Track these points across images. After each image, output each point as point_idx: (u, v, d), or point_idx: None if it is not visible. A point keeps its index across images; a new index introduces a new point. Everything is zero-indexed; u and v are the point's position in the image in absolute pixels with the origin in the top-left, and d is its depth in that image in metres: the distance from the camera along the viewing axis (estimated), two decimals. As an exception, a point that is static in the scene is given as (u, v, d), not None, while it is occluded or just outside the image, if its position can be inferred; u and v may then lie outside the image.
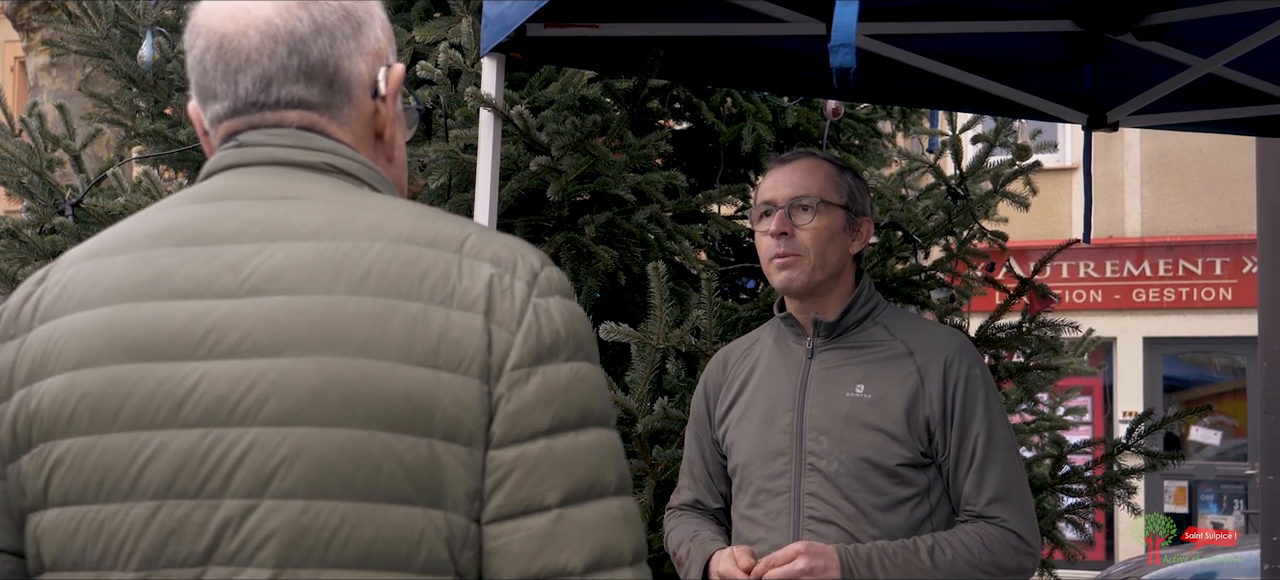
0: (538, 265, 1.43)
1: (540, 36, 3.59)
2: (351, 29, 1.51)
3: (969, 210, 4.59)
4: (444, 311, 1.36)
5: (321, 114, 1.49)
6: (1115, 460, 4.89)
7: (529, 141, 3.88)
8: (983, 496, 2.76)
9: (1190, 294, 15.84)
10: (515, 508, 1.35)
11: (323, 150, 1.47)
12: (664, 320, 3.65)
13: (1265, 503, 6.58)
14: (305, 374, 1.33)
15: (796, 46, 3.91)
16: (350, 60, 1.50)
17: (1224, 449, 15.58)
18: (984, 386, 2.81)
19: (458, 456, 1.34)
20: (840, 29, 2.06)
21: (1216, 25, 3.70)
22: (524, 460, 1.35)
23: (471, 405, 1.34)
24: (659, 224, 4.30)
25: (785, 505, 2.79)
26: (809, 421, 2.80)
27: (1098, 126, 4.20)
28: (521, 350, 1.37)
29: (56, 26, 5.13)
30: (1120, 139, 15.38)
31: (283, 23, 1.47)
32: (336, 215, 1.41)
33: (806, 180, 2.85)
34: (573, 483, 1.37)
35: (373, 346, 1.34)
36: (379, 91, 1.53)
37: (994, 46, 3.97)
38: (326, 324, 1.34)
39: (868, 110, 5.27)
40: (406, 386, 1.33)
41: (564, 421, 1.38)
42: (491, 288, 1.38)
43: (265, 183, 1.45)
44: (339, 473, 1.32)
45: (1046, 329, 4.62)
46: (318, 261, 1.37)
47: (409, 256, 1.38)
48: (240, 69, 1.47)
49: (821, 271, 2.83)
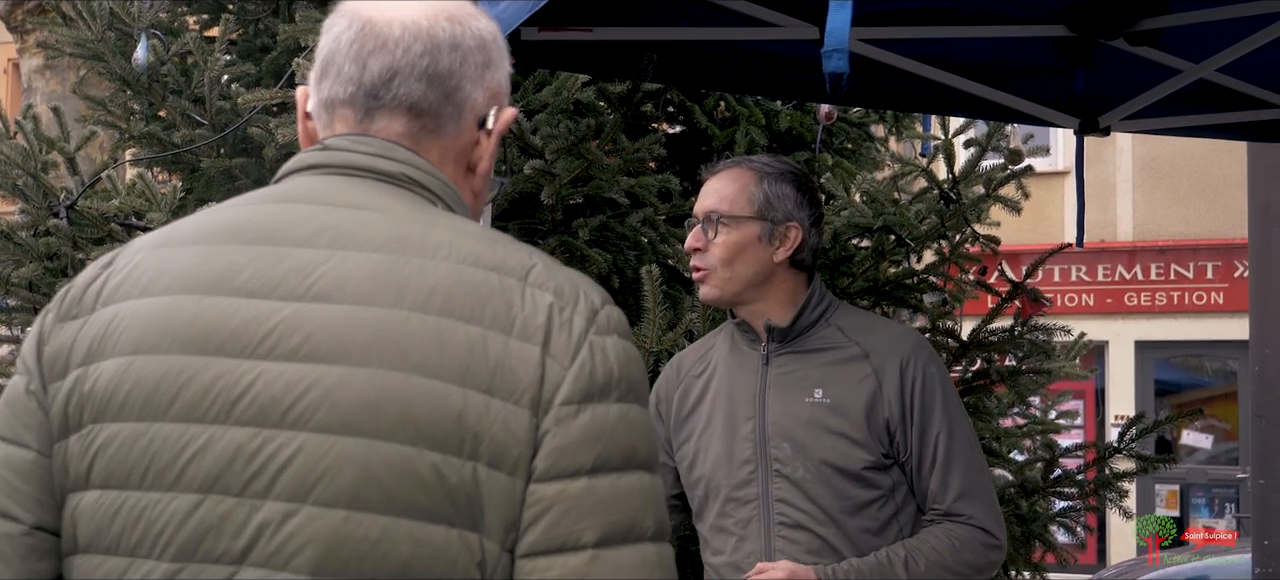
0: (599, 303, 1.43)
1: (534, 40, 3.60)
2: (482, 59, 1.53)
3: (961, 214, 4.60)
4: (503, 339, 1.36)
5: (427, 126, 1.50)
6: (1107, 464, 4.90)
7: (523, 145, 3.89)
8: (949, 495, 2.78)
9: (1182, 298, 15.87)
10: (551, 544, 1.34)
11: (403, 162, 1.48)
12: (657, 324, 3.66)
13: (1256, 507, 6.60)
14: (361, 384, 1.34)
15: (790, 51, 3.92)
16: (472, 84, 1.52)
17: (1215, 453, 15.61)
18: (940, 384, 2.82)
19: (500, 484, 1.34)
20: (833, 34, 2.07)
21: (1208, 30, 3.72)
22: (564, 497, 1.34)
23: (520, 435, 1.34)
24: (652, 227, 4.31)
25: (755, 512, 2.80)
26: (771, 428, 2.80)
27: (1090, 131, 4.21)
28: (573, 386, 1.37)
29: (51, 28, 5.12)
30: (1112, 143, 15.41)
31: (427, 25, 1.49)
32: (408, 230, 1.42)
33: (718, 195, 2.86)
34: (610, 524, 1.36)
35: (430, 365, 1.34)
36: (486, 124, 1.54)
37: (986, 51, 3.99)
38: (387, 337, 1.35)
39: (860, 114, 5.28)
40: (459, 408, 1.33)
41: (608, 462, 1.37)
42: (551, 319, 1.38)
43: (341, 189, 1.46)
44: (384, 486, 1.32)
45: (1038, 333, 4.63)
46: (385, 274, 1.38)
47: (475, 279, 1.38)
48: (373, 53, 1.48)
49: (734, 284, 2.83)
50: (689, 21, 3.76)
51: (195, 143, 4.62)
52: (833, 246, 4.37)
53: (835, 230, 4.36)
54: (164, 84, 4.77)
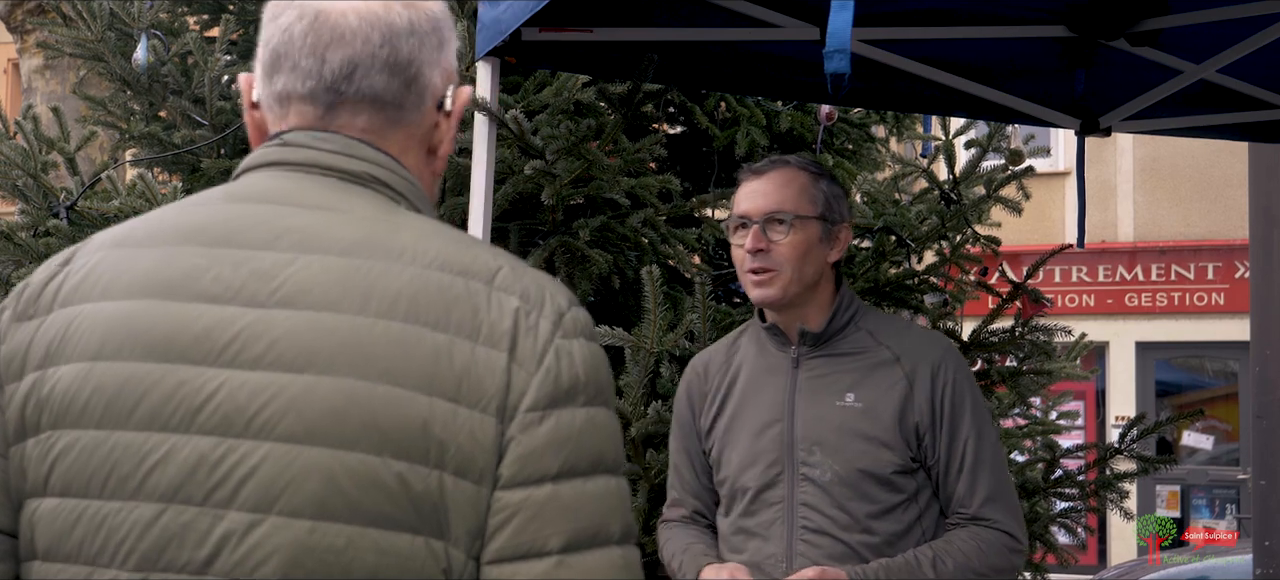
0: (565, 306, 1.41)
1: (535, 41, 3.60)
2: (437, 41, 1.51)
3: (962, 215, 4.60)
4: (469, 345, 1.35)
5: (389, 116, 1.48)
6: (1108, 464, 4.90)
7: (523, 145, 3.89)
8: (976, 499, 2.78)
9: (1182, 299, 15.86)
10: (517, 551, 1.34)
11: (366, 160, 1.46)
12: (658, 324, 3.65)
13: (1257, 507, 6.60)
14: (326, 393, 1.32)
15: (791, 51, 3.92)
16: (430, 67, 1.50)
17: (1216, 453, 15.60)
18: (970, 390, 2.83)
19: (466, 492, 1.33)
20: (835, 34, 2.06)
21: (1209, 31, 3.72)
22: (529, 504, 1.34)
23: (485, 443, 1.33)
24: (653, 228, 4.30)
25: (779, 515, 2.79)
26: (800, 431, 2.79)
27: (1091, 132, 4.21)
28: (538, 392, 1.35)
29: (51, 29, 5.13)
30: (1113, 144, 15.41)
31: (382, 12, 1.46)
32: (372, 232, 1.40)
33: (780, 194, 2.81)
34: (576, 530, 1.35)
35: (396, 373, 1.32)
36: (445, 106, 1.53)
37: (987, 52, 3.98)
38: (352, 345, 1.33)
39: (861, 115, 5.28)
40: (425, 417, 1.32)
41: (573, 468, 1.36)
42: (517, 324, 1.37)
43: (302, 189, 1.44)
44: (349, 496, 1.31)
45: (1039, 333, 4.63)
46: (350, 279, 1.36)
47: (441, 284, 1.37)
48: (331, 45, 1.45)
49: (798, 285, 2.80)
50: (689, 22, 3.76)
51: (195, 143, 4.62)
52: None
53: (836, 231, 4.35)
54: (164, 84, 4.77)
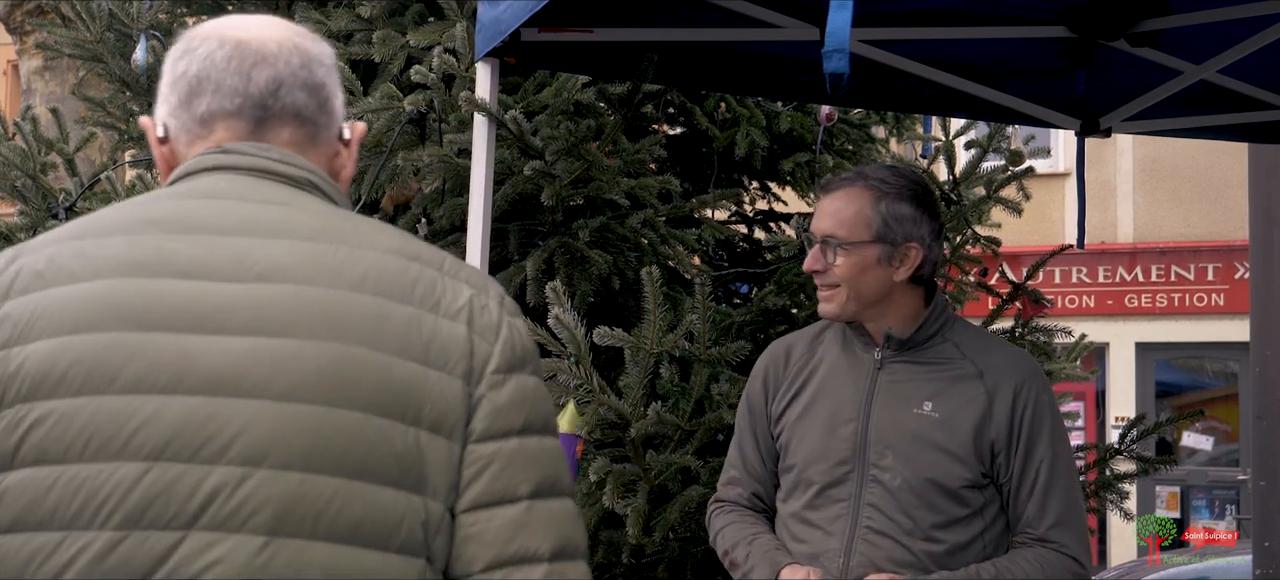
0: (502, 291, 1.59)
1: (534, 41, 3.60)
2: (337, 78, 1.66)
3: (962, 215, 4.60)
4: (433, 317, 1.49)
5: (308, 133, 1.60)
6: (1108, 465, 4.89)
7: (523, 146, 3.88)
8: (1045, 521, 2.77)
9: (1182, 300, 15.85)
10: (491, 497, 1.47)
11: (304, 168, 1.58)
12: (658, 325, 3.65)
13: (1257, 508, 6.60)
14: (314, 356, 1.43)
15: (790, 52, 3.92)
16: (335, 98, 1.64)
17: (1216, 454, 15.59)
18: (1050, 412, 2.82)
19: (440, 448, 1.46)
20: (834, 34, 2.06)
21: (1209, 31, 3.71)
22: (500, 455, 1.48)
23: (454, 402, 1.47)
24: (653, 228, 4.30)
25: (844, 512, 2.78)
26: (874, 434, 2.79)
27: (1091, 132, 4.21)
28: (500, 358, 1.51)
29: (50, 30, 5.12)
30: (1113, 145, 15.40)
31: (294, 37, 1.61)
32: (329, 223, 1.53)
33: (836, 216, 2.81)
34: (541, 478, 1.50)
35: (374, 339, 1.45)
36: (344, 135, 1.66)
37: (987, 52, 3.98)
38: (333, 314, 1.45)
39: (861, 115, 5.27)
40: (402, 379, 1.45)
41: (532, 424, 1.52)
42: (472, 304, 1.52)
43: (253, 188, 1.54)
44: (336, 451, 1.41)
45: (1039, 334, 4.63)
46: (320, 259, 1.48)
47: (400, 267, 1.51)
48: (256, 65, 1.57)
49: (857, 303, 2.81)
50: (689, 22, 3.76)
51: (195, 144, 4.62)
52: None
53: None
54: (163, 85, 4.76)
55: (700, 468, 3.74)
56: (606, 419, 3.55)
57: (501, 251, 4.13)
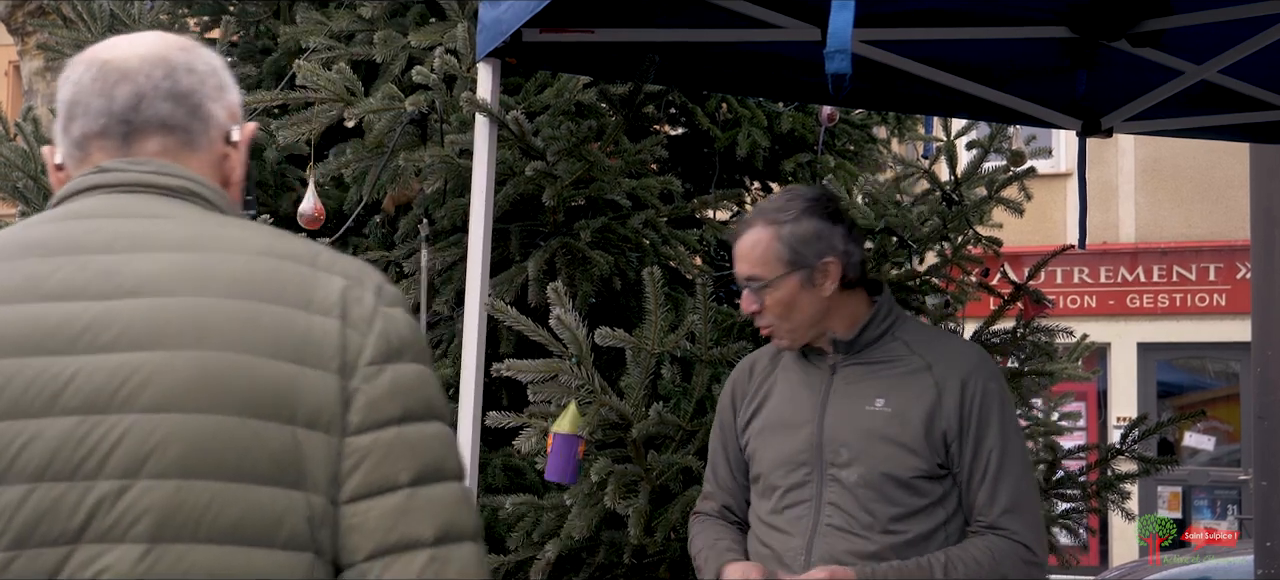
0: (380, 281, 1.59)
1: (536, 42, 3.60)
2: (216, 83, 1.68)
3: (963, 216, 4.60)
4: (305, 315, 1.51)
5: (180, 140, 1.63)
6: (1109, 465, 4.89)
7: (524, 146, 3.88)
8: (995, 509, 2.81)
9: (1184, 300, 15.85)
10: (372, 487, 1.49)
11: (180, 177, 1.61)
12: (659, 325, 3.65)
13: (1259, 508, 6.60)
14: (182, 366, 1.46)
15: (792, 52, 3.92)
16: (212, 102, 1.66)
17: (1218, 454, 15.59)
18: (999, 401, 2.86)
19: (318, 443, 1.48)
20: (835, 35, 2.06)
21: (1211, 32, 3.71)
22: (378, 445, 1.50)
23: (330, 397, 1.49)
24: (654, 229, 4.30)
25: (806, 511, 2.86)
26: (829, 433, 2.86)
27: (1092, 132, 4.21)
28: (374, 350, 1.52)
29: (51, 31, 5.12)
30: (1114, 145, 15.39)
31: (161, 50, 1.64)
32: (200, 231, 1.56)
33: (748, 258, 2.89)
34: (421, 465, 1.52)
35: (243, 343, 1.48)
36: (232, 138, 1.68)
37: (989, 52, 3.98)
38: (200, 322, 1.48)
39: (863, 116, 5.27)
40: (273, 379, 1.47)
41: (411, 412, 1.53)
42: (345, 296, 1.54)
43: (128, 203, 1.58)
44: (211, 455, 1.44)
45: (1041, 334, 4.63)
46: (187, 269, 1.51)
47: (270, 267, 1.53)
48: (118, 83, 1.61)
49: (800, 330, 2.89)
50: (691, 23, 3.75)
51: (196, 145, 4.62)
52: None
53: (837, 232, 4.34)
54: (165, 86, 4.76)
55: (702, 468, 3.73)
56: (608, 419, 3.55)
57: (503, 252, 4.13)
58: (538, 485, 4.03)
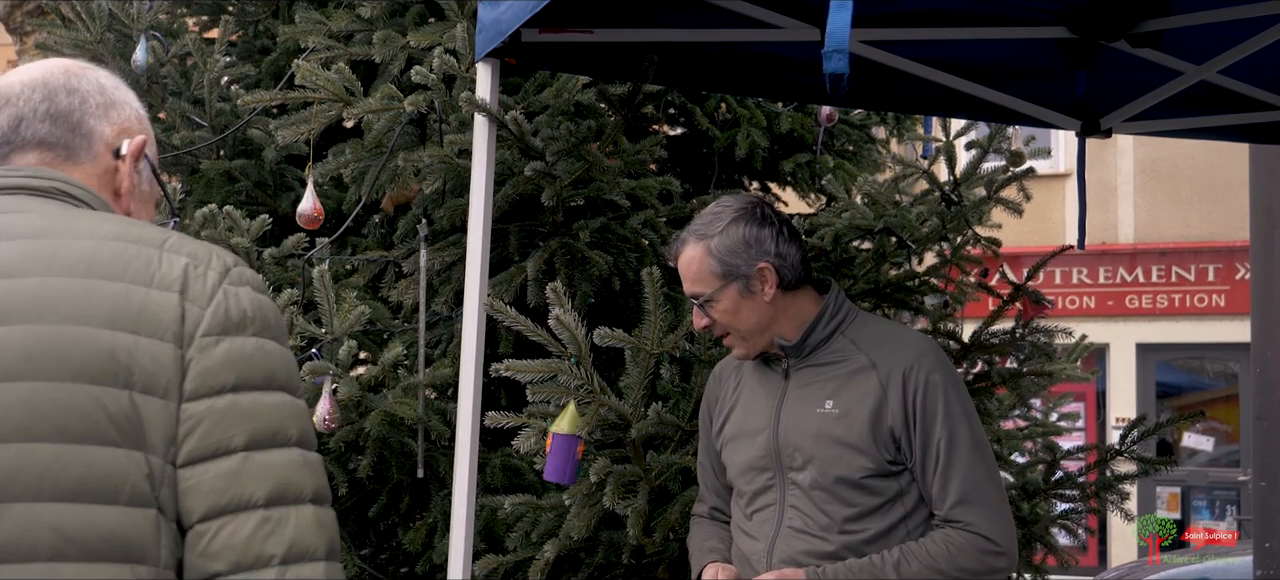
0: (231, 262, 1.70)
1: (535, 42, 3.60)
2: (101, 101, 1.83)
3: (963, 216, 4.59)
4: (144, 290, 1.63)
5: (60, 155, 1.79)
6: (1108, 466, 4.89)
7: (523, 147, 3.88)
8: (948, 500, 2.82)
9: (1183, 300, 15.85)
10: (205, 451, 1.60)
11: (50, 178, 1.76)
12: (658, 325, 3.65)
13: (1257, 509, 6.59)
14: (20, 338, 1.59)
15: (791, 52, 3.92)
16: (94, 118, 1.82)
17: (1217, 455, 15.58)
18: (944, 390, 2.85)
19: (155, 407, 1.59)
20: (834, 35, 2.06)
21: (1210, 32, 3.71)
22: (212, 412, 1.61)
23: (167, 364, 1.60)
24: (653, 229, 4.30)
25: (770, 515, 2.92)
26: (784, 438, 2.92)
27: (1092, 133, 4.21)
28: (210, 322, 1.63)
29: (50, 30, 5.11)
30: (1113, 145, 15.39)
31: (42, 76, 1.81)
32: (53, 222, 1.70)
33: (687, 276, 2.96)
34: (256, 431, 1.62)
35: (80, 315, 1.60)
36: (121, 152, 1.83)
37: (988, 53, 3.98)
38: (40, 299, 1.61)
39: (862, 116, 5.27)
40: (109, 347, 1.59)
41: (248, 381, 1.64)
42: (187, 273, 1.65)
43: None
44: (51, 420, 1.56)
45: (1040, 335, 4.63)
46: (35, 254, 1.65)
47: (115, 250, 1.65)
48: (2, 108, 1.80)
49: (753, 338, 2.95)
50: (690, 23, 3.75)
51: (195, 144, 4.62)
52: (834, 248, 4.36)
53: (836, 232, 4.35)
54: (163, 85, 4.76)
55: (701, 468, 3.74)
56: (607, 420, 3.55)
57: (502, 252, 4.13)
58: (536, 485, 4.03)
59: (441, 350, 4.27)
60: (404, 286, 4.27)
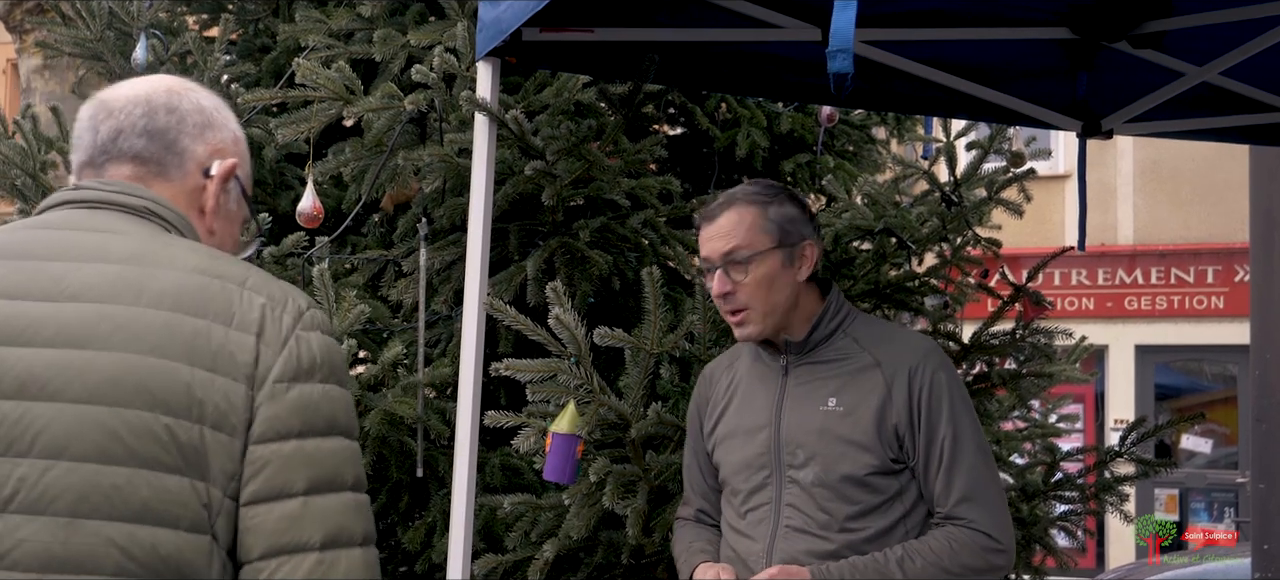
0: (304, 306, 1.77)
1: (535, 41, 3.59)
2: (200, 121, 1.90)
3: (963, 217, 4.59)
4: (224, 329, 1.70)
5: (152, 170, 1.86)
6: (1107, 467, 4.89)
7: (524, 146, 3.88)
8: (951, 498, 2.83)
9: (1182, 302, 15.85)
10: (268, 493, 1.68)
11: (142, 197, 1.83)
12: (658, 325, 3.64)
13: (1256, 511, 6.58)
14: (106, 364, 1.67)
15: (792, 52, 3.91)
16: (189, 139, 1.88)
17: (1215, 457, 15.58)
18: (948, 390, 2.87)
19: (222, 442, 1.67)
20: (838, 33, 2.05)
21: (1211, 33, 3.71)
22: (278, 456, 1.68)
23: (237, 404, 1.68)
24: (653, 229, 4.29)
25: (767, 514, 2.90)
26: (786, 435, 2.90)
27: (1093, 134, 4.20)
28: (283, 367, 1.71)
29: (50, 28, 5.11)
30: (1113, 147, 15.39)
31: (145, 94, 1.88)
32: (144, 247, 1.76)
33: (733, 234, 2.89)
34: (316, 477, 1.70)
35: (163, 348, 1.68)
36: (210, 172, 1.90)
37: (989, 53, 3.97)
38: (127, 327, 1.68)
39: (862, 116, 5.26)
40: (187, 381, 1.67)
41: (312, 428, 1.71)
42: (264, 316, 1.73)
43: (88, 218, 1.80)
44: (126, 444, 1.65)
45: (1040, 336, 4.62)
46: (124, 280, 1.71)
47: (200, 284, 1.73)
48: (103, 120, 1.87)
49: (773, 316, 2.90)
50: (691, 23, 3.75)
51: (195, 143, 4.60)
52: (834, 249, 4.35)
53: (836, 233, 4.35)
54: (163, 84, 4.74)
55: (700, 469, 3.73)
56: (607, 419, 3.55)
57: (502, 251, 4.12)
58: (536, 485, 4.03)
59: (441, 349, 4.26)
60: (404, 285, 4.26)
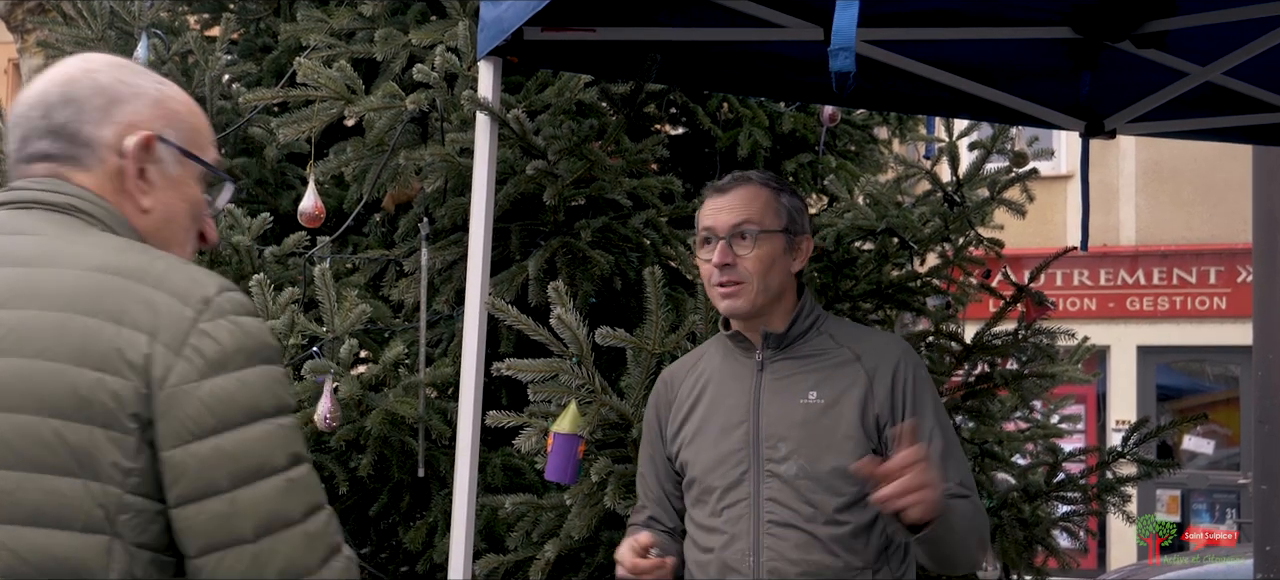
0: (212, 293, 1.72)
1: (537, 40, 3.59)
2: (100, 104, 1.85)
3: (965, 217, 4.59)
4: (115, 327, 1.66)
5: (65, 165, 1.83)
6: (1109, 468, 4.88)
7: (525, 145, 3.87)
8: (950, 482, 2.84)
9: (1184, 303, 15.84)
10: (193, 495, 1.65)
11: (65, 193, 1.81)
12: (660, 325, 3.64)
13: (1258, 513, 6.58)
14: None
15: (794, 52, 3.91)
16: (92, 125, 1.84)
17: (1217, 458, 15.58)
18: (929, 387, 2.94)
19: (113, 440, 1.64)
20: (840, 33, 2.05)
21: (1215, 33, 3.70)
22: (195, 458, 1.65)
23: (127, 401, 1.64)
24: (655, 229, 4.29)
25: (745, 510, 2.89)
26: (765, 429, 2.90)
27: (1095, 134, 4.20)
28: (186, 368, 1.66)
29: (51, 28, 5.10)
30: (1115, 147, 15.39)
31: (40, 95, 1.86)
32: (49, 247, 1.75)
33: (746, 208, 2.92)
34: (239, 470, 1.67)
35: (51, 351, 1.66)
36: (123, 150, 1.84)
37: (992, 53, 3.97)
38: (17, 330, 1.68)
39: (864, 116, 5.26)
40: (74, 383, 1.65)
41: (229, 421, 1.67)
42: (160, 313, 1.68)
43: (12, 219, 1.80)
44: (15, 448, 1.64)
45: (1042, 336, 4.62)
46: (22, 283, 1.71)
47: (96, 282, 1.70)
48: (13, 127, 1.88)
49: (764, 296, 2.92)
50: (692, 22, 3.74)
51: (196, 142, 4.60)
52: (836, 249, 4.35)
53: (839, 232, 4.34)
54: (165, 83, 4.74)
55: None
56: (608, 419, 3.54)
57: (503, 251, 4.12)
58: (537, 485, 4.02)
59: (442, 349, 4.26)
60: (405, 285, 4.26)
